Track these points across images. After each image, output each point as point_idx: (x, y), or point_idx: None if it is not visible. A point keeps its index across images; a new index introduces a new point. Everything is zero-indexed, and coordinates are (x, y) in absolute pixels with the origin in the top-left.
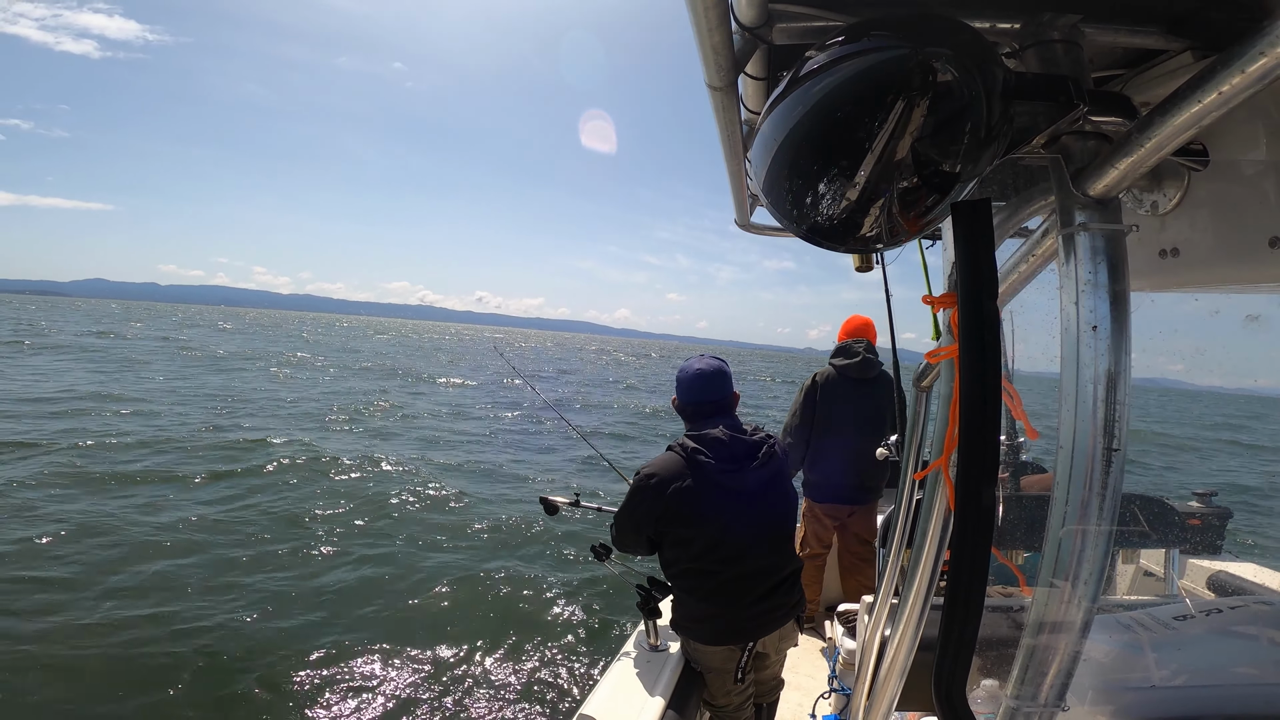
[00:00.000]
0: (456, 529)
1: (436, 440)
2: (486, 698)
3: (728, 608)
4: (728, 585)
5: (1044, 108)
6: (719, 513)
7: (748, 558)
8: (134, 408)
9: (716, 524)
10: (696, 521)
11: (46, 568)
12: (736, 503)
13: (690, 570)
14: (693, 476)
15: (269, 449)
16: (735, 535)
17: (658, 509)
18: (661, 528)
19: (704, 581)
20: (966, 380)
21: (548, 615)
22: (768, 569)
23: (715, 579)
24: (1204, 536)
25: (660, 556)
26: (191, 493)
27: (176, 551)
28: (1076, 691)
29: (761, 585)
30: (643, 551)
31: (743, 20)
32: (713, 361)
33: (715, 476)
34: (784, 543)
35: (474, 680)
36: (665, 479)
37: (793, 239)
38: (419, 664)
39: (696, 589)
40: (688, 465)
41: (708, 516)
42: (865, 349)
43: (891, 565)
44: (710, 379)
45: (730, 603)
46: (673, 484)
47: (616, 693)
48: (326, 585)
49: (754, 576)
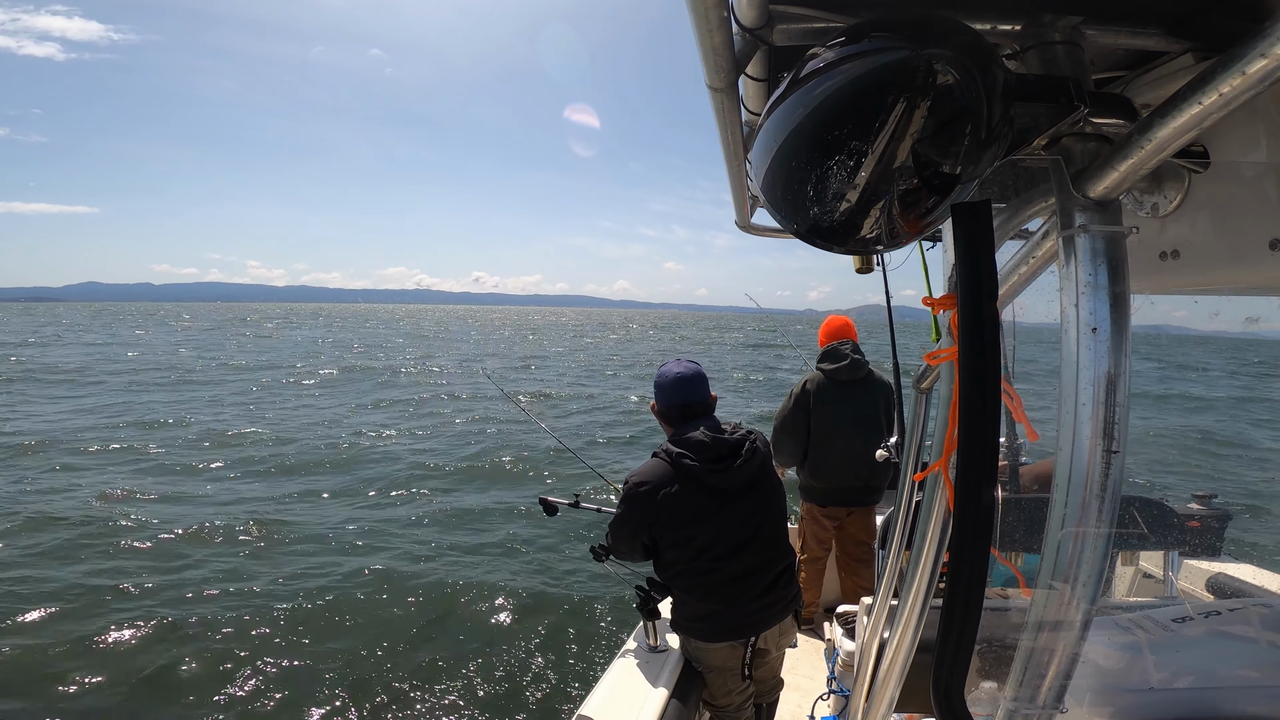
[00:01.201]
0: (456, 529)
1: (430, 437)
2: (487, 698)
3: (727, 605)
4: (726, 583)
5: (1044, 109)
6: (710, 513)
7: (743, 554)
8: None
9: (709, 525)
10: (689, 524)
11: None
12: (726, 502)
13: (688, 571)
14: (679, 481)
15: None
16: (729, 533)
17: (650, 516)
18: (655, 533)
19: (703, 581)
20: (966, 382)
21: (547, 615)
22: (763, 564)
23: (713, 578)
24: (1203, 538)
25: (657, 560)
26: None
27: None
28: (1075, 693)
29: (759, 581)
30: (640, 558)
31: (743, 21)
32: (690, 365)
33: (702, 478)
34: (777, 537)
35: (474, 680)
36: (654, 486)
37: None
38: (418, 664)
39: (696, 588)
40: (674, 470)
41: (699, 518)
42: (852, 350)
43: (891, 566)
44: (690, 382)
45: (730, 600)
46: (661, 490)
47: (616, 693)
48: (323, 585)
49: (751, 573)
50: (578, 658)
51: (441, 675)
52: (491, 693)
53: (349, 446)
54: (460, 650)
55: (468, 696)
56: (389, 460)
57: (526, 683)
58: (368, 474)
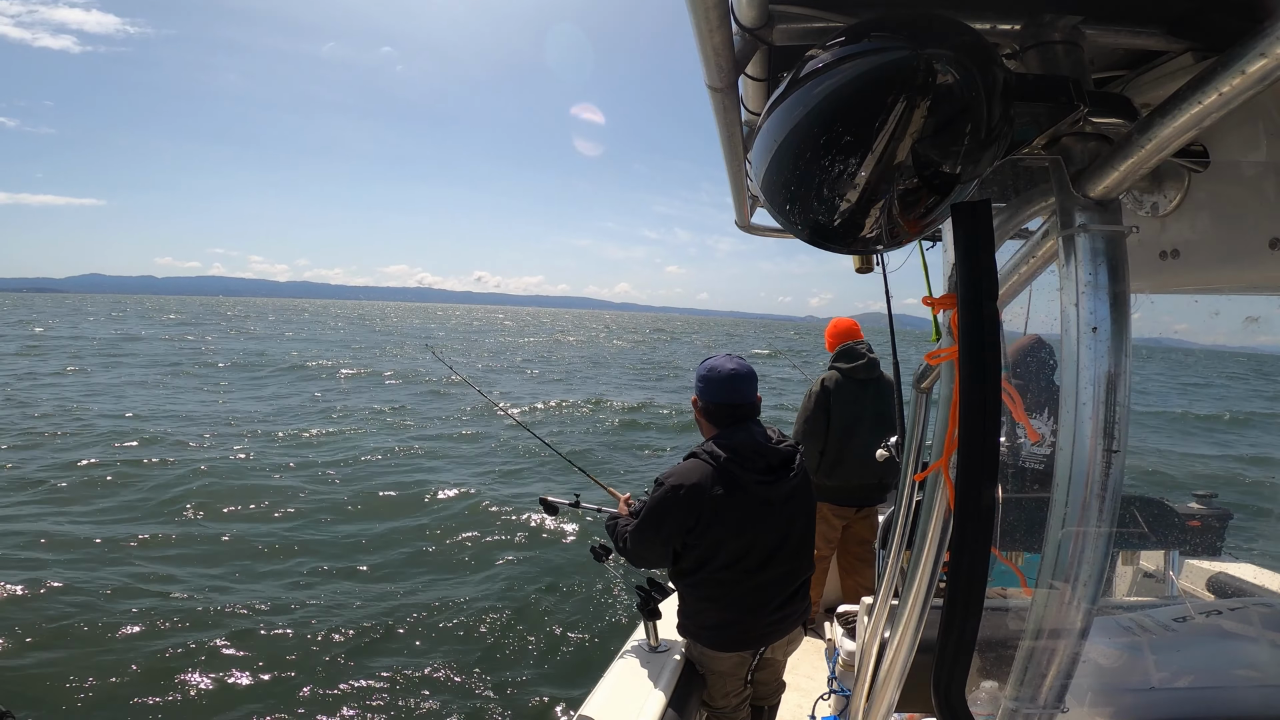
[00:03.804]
0: (456, 529)
1: (432, 438)
2: (486, 698)
3: (746, 615)
4: (749, 594)
5: (1044, 109)
6: (750, 524)
7: (771, 565)
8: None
9: (746, 536)
10: (727, 532)
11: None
12: (767, 514)
13: (711, 580)
14: (724, 487)
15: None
16: (761, 546)
17: (689, 521)
18: (690, 539)
19: (726, 591)
20: (966, 382)
21: (547, 616)
22: (786, 577)
23: (737, 589)
24: (1204, 538)
25: (676, 565)
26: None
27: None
28: (1076, 693)
29: (780, 594)
30: (663, 564)
31: (743, 21)
32: (743, 363)
33: (750, 488)
34: (806, 549)
35: (474, 680)
36: (696, 489)
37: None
38: (418, 664)
39: (718, 598)
40: (719, 475)
41: (740, 529)
42: (867, 349)
43: (891, 566)
44: (742, 381)
45: (749, 610)
46: (705, 495)
47: (616, 693)
48: (320, 585)
49: (774, 585)
50: (578, 658)
51: (442, 675)
52: (492, 693)
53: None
54: (460, 650)
55: (468, 696)
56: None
57: (527, 683)
58: (359, 475)
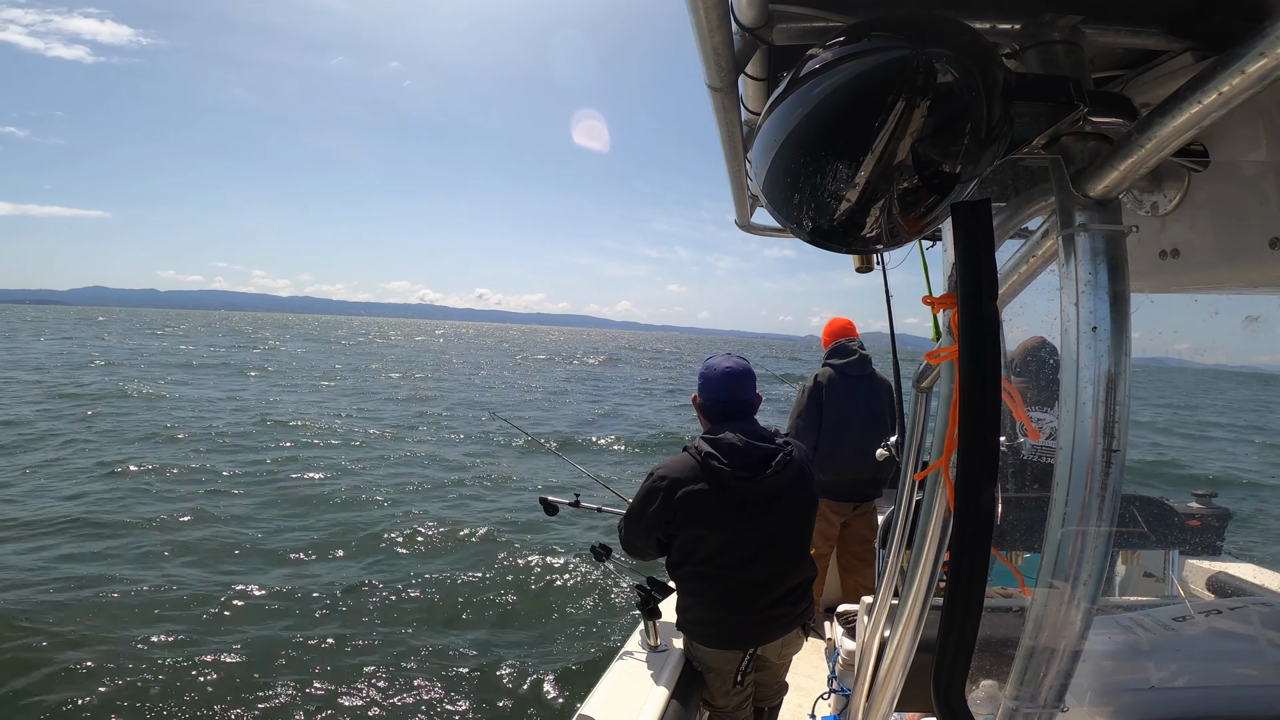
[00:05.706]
0: (455, 529)
1: (434, 440)
2: (486, 698)
3: (732, 613)
4: (733, 591)
5: (1044, 108)
6: (729, 519)
7: (755, 564)
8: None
9: (726, 530)
10: (705, 526)
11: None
12: (746, 511)
13: (696, 574)
14: (705, 480)
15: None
16: (744, 542)
17: (668, 513)
18: (671, 531)
19: (710, 586)
20: (966, 381)
21: (547, 615)
22: (776, 576)
23: (721, 584)
24: (1204, 537)
25: (667, 558)
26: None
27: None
28: (1075, 692)
29: (769, 593)
30: (652, 554)
31: (743, 21)
32: (740, 361)
33: (728, 482)
34: (797, 551)
35: (474, 680)
36: (676, 481)
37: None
38: (417, 664)
39: (702, 593)
40: (700, 469)
41: (717, 522)
42: (859, 346)
43: (891, 566)
44: (737, 379)
45: (735, 608)
46: (684, 487)
47: (616, 693)
48: (319, 586)
49: (761, 584)
50: (578, 658)
51: (442, 675)
52: (492, 693)
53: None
54: (461, 650)
55: (468, 696)
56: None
57: (527, 683)
58: (357, 474)
